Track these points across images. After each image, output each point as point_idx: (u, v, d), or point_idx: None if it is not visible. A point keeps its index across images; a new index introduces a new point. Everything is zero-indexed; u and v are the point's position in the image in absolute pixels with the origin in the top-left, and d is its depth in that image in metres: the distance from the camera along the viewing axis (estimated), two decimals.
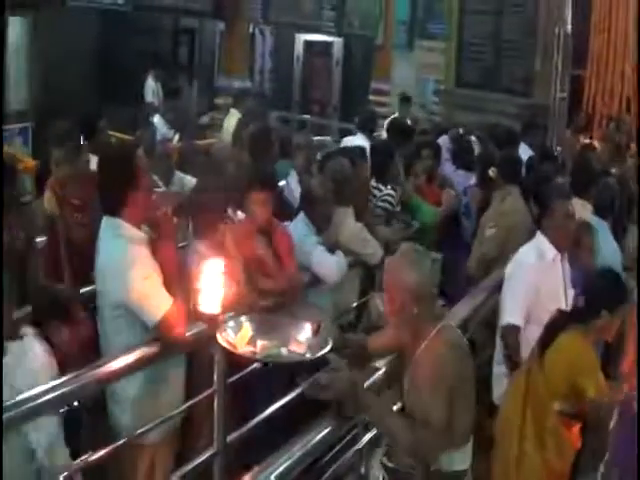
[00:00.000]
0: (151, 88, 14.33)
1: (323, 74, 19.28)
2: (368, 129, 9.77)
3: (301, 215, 5.84)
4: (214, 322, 3.60)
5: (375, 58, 17.01)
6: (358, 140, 9.22)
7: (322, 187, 5.80)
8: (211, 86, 16.12)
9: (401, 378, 3.86)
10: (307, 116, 16.34)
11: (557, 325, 4.66)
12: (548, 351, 4.58)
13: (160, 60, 15.34)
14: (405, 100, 12.95)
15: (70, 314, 4.55)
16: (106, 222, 4.20)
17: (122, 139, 6.22)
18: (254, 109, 11.06)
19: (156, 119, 10.59)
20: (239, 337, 3.60)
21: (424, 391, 3.53)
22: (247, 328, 3.65)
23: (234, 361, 4.50)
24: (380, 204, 7.16)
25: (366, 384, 3.78)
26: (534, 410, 4.57)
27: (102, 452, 3.71)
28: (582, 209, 6.39)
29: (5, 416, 3.22)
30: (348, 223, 6.11)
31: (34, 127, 11.99)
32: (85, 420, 4.34)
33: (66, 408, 3.89)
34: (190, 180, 6.82)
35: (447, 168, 8.76)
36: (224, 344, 3.52)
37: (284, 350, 3.61)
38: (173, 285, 4.11)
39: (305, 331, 3.74)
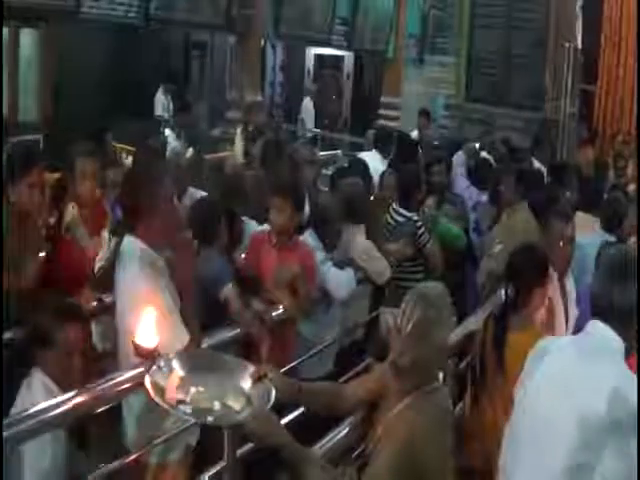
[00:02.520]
0: (161, 102, 14.38)
1: (334, 88, 19.36)
2: (384, 147, 9.64)
3: (309, 231, 5.83)
4: (151, 357, 3.28)
5: (385, 72, 17.06)
6: (374, 158, 9.19)
7: (334, 205, 5.83)
8: (222, 100, 16.14)
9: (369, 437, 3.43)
10: (317, 130, 16.36)
11: (504, 323, 4.59)
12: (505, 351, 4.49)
13: (171, 74, 15.40)
14: (424, 115, 12.86)
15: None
16: (129, 244, 4.16)
17: (150, 157, 6.23)
18: (264, 122, 11.11)
19: (167, 132, 10.62)
20: (169, 382, 3.00)
21: (378, 457, 3.11)
22: (177, 370, 3.05)
23: None
24: (406, 229, 6.91)
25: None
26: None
27: (109, 467, 3.69)
28: (589, 224, 6.39)
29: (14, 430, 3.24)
30: (359, 240, 6.11)
31: (44, 139, 12.03)
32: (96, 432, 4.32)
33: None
34: (201, 194, 6.83)
35: (460, 184, 8.77)
36: (150, 390, 2.90)
37: (217, 404, 2.96)
38: (189, 308, 4.12)
39: (245, 378, 3.12)
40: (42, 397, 3.64)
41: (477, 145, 10.25)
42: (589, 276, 5.09)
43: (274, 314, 5.07)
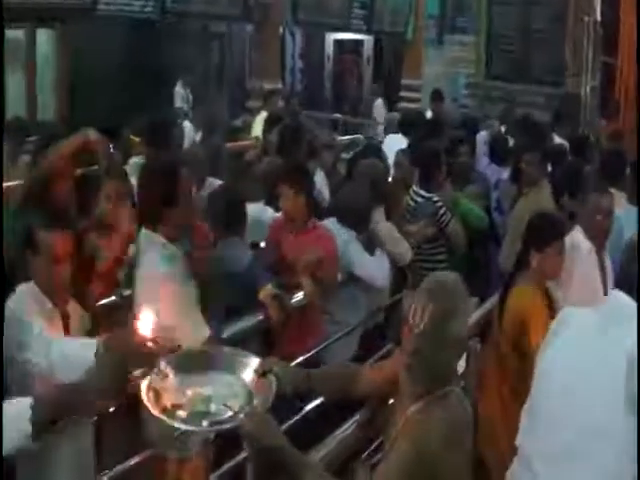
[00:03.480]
0: (180, 94, 14.39)
1: (354, 73, 19.33)
2: (409, 130, 9.57)
3: (333, 219, 5.79)
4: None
5: (405, 54, 17.01)
6: (400, 142, 9.11)
7: (356, 187, 5.80)
8: (242, 89, 16.16)
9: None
10: (338, 115, 16.34)
11: (508, 284, 4.73)
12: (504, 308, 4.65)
13: (190, 66, 15.41)
14: (437, 96, 12.79)
15: None
16: (146, 237, 4.16)
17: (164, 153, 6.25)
18: (285, 110, 11.10)
19: (186, 124, 10.61)
20: (164, 386, 2.88)
21: (390, 459, 2.93)
22: (171, 373, 2.92)
23: None
24: (426, 210, 6.88)
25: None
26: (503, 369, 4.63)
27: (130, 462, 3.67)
28: (616, 198, 6.32)
29: None
30: (381, 222, 6.09)
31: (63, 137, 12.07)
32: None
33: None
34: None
35: (482, 162, 8.73)
36: (145, 397, 2.80)
37: (214, 406, 2.86)
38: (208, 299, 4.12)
39: (248, 373, 3.04)
40: (30, 305, 3.53)
41: (497, 123, 10.19)
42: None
43: (295, 300, 5.06)
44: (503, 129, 10.50)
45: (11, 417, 2.58)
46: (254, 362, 3.07)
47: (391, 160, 7.73)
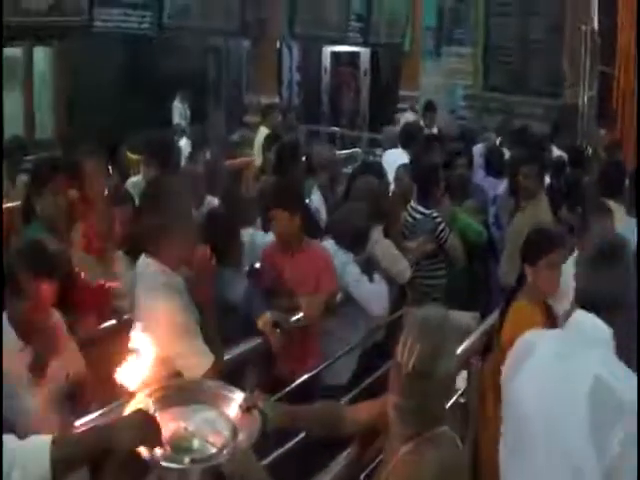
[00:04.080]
0: (178, 110, 14.41)
1: (351, 85, 19.35)
2: (409, 144, 9.54)
3: (330, 241, 5.74)
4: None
5: (403, 66, 17.02)
6: (401, 156, 9.08)
7: (357, 212, 5.77)
8: (240, 104, 16.15)
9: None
10: (336, 128, 16.34)
11: (509, 299, 4.71)
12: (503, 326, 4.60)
13: (187, 81, 15.40)
14: (429, 108, 12.68)
15: None
16: (145, 263, 4.05)
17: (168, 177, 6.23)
18: (282, 124, 11.09)
19: (183, 142, 10.58)
20: None
21: None
22: (153, 407, 2.86)
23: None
24: (426, 226, 6.88)
25: None
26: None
27: None
28: (615, 211, 6.30)
29: None
30: (379, 240, 6.06)
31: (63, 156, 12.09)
32: None
33: None
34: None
35: (479, 175, 8.73)
36: None
37: (196, 442, 2.79)
38: (211, 326, 4.07)
39: (231, 408, 2.97)
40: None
41: (494, 135, 10.20)
42: None
43: (294, 319, 5.03)
44: (499, 141, 10.51)
45: (31, 452, 2.55)
46: (238, 397, 3.00)
47: (391, 176, 7.71)
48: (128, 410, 2.80)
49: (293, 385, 4.91)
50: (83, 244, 5.12)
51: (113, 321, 4.83)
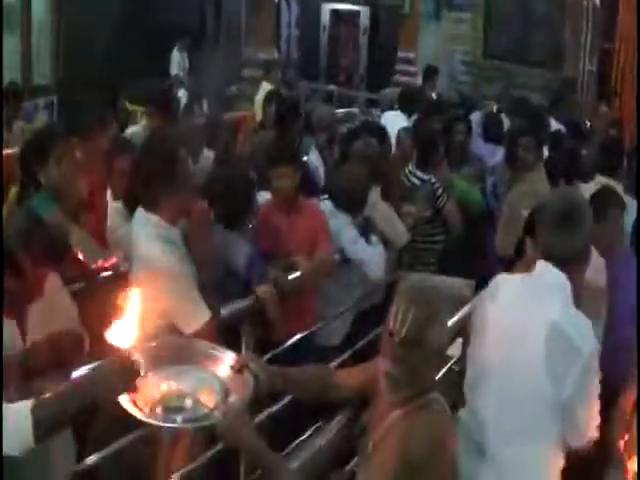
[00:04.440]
0: (177, 60, 14.30)
1: (349, 43, 19.21)
2: (407, 107, 9.54)
3: (328, 202, 5.73)
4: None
5: (402, 28, 16.91)
6: (398, 118, 9.13)
7: (356, 174, 5.74)
8: (238, 58, 16.06)
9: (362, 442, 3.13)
10: (333, 86, 16.25)
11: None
12: None
13: (186, 33, 15.29)
14: (430, 73, 12.50)
15: None
16: (143, 217, 4.06)
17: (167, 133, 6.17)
18: (284, 81, 11.04)
19: (181, 93, 10.53)
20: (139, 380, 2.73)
21: (371, 471, 2.87)
22: (145, 365, 2.79)
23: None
24: (423, 191, 6.88)
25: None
26: None
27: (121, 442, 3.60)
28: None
29: None
30: (377, 203, 6.05)
31: (58, 102, 12.02)
32: None
33: None
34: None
35: (478, 142, 8.71)
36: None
37: (189, 402, 2.77)
38: (208, 281, 4.06)
39: (224, 369, 2.97)
40: None
41: (495, 108, 10.18)
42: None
43: (290, 278, 4.99)
44: (497, 108, 10.48)
45: (12, 417, 2.54)
46: (229, 357, 3.00)
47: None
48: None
49: (286, 345, 4.93)
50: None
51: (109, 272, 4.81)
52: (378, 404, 3.01)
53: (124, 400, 2.65)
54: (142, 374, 2.74)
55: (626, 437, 3.42)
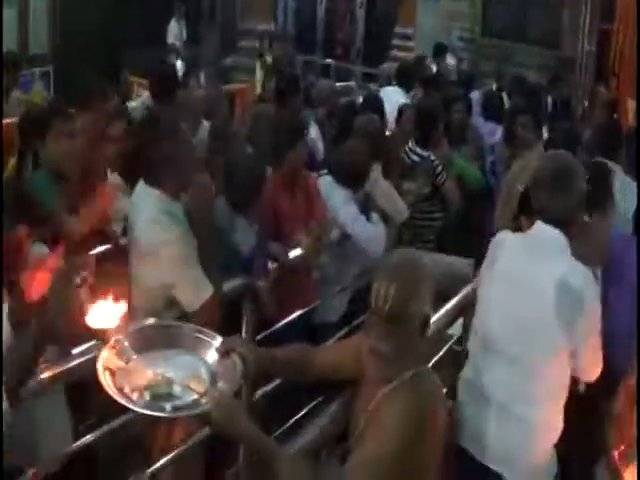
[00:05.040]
0: (173, 30, 14.18)
1: (346, 17, 19.08)
2: (405, 82, 9.53)
3: (328, 177, 5.70)
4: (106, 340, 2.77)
5: (400, 2, 16.82)
6: (396, 94, 9.12)
7: (358, 149, 5.70)
8: (234, 29, 15.95)
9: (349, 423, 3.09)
10: (330, 60, 16.18)
11: None
12: None
13: (183, 3, 15.16)
14: (440, 50, 12.58)
15: None
16: (144, 191, 4.04)
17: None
18: (283, 55, 10.98)
19: (178, 64, 10.43)
20: (123, 365, 2.71)
21: (361, 448, 2.78)
22: (130, 350, 2.76)
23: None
24: (423, 168, 6.85)
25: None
26: None
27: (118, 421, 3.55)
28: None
29: None
30: (378, 180, 6.01)
31: (54, 71, 11.92)
32: None
33: None
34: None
35: (477, 120, 8.69)
36: (102, 378, 2.62)
37: (178, 388, 2.69)
38: (210, 257, 4.04)
39: (211, 353, 2.89)
40: None
41: (494, 87, 10.17)
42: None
43: (292, 257, 4.96)
44: (496, 87, 10.47)
45: None
46: (217, 341, 2.92)
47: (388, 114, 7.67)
48: (103, 353, 2.71)
49: (285, 322, 4.89)
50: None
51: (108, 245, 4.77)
52: (365, 382, 2.96)
53: (111, 388, 2.59)
54: (128, 361, 2.72)
55: (621, 447, 3.45)
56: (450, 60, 12.71)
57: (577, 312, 3.29)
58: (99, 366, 2.64)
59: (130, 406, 2.57)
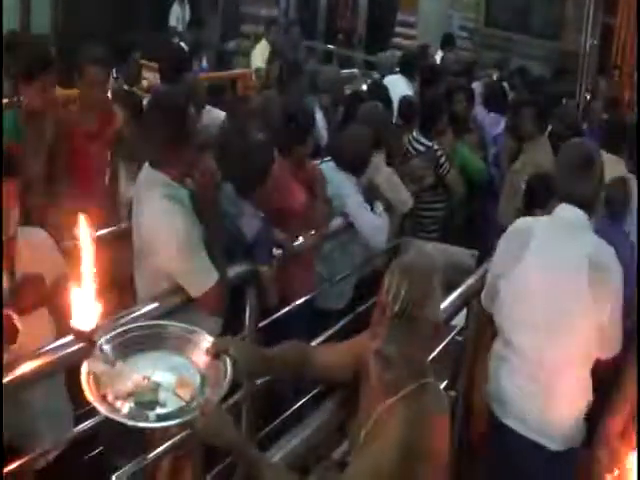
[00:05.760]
0: (176, 13, 14.09)
1: (349, 3, 18.97)
2: (408, 71, 9.49)
3: (331, 163, 5.67)
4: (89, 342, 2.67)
5: None
6: (400, 83, 9.10)
7: (361, 135, 5.68)
8: (237, 13, 15.88)
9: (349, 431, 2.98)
10: (332, 47, 16.13)
11: None
12: None
13: None
14: (448, 41, 12.61)
15: None
16: (150, 175, 3.98)
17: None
18: (285, 39, 10.92)
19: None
20: (107, 369, 2.59)
21: (361, 458, 2.71)
22: (112, 353, 2.64)
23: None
24: (426, 158, 6.89)
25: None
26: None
27: None
28: (615, 166, 6.28)
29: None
30: (380, 168, 5.98)
31: (57, 52, 11.85)
32: None
33: None
34: (219, 114, 6.70)
35: (480, 111, 8.68)
36: (85, 384, 2.51)
37: (162, 395, 2.55)
38: (215, 242, 4.03)
39: (199, 354, 2.75)
40: None
41: (495, 76, 10.15)
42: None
43: (296, 244, 4.95)
44: (497, 77, 10.46)
45: None
46: (207, 341, 2.77)
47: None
48: (85, 365, 2.58)
49: (287, 308, 4.85)
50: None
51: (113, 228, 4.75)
52: (368, 387, 2.82)
53: (93, 394, 2.48)
54: (112, 364, 2.61)
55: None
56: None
57: (607, 288, 3.57)
58: (83, 370, 2.53)
59: (111, 416, 2.46)
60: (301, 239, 5.00)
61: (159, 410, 2.50)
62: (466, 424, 4.63)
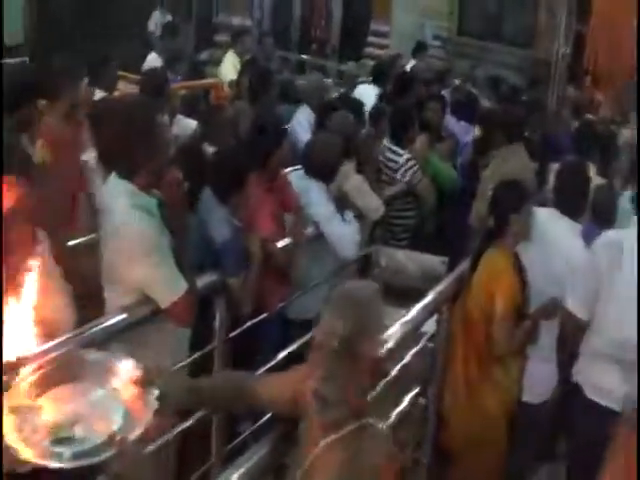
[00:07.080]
0: (155, 18, 14.00)
1: (322, 13, 19.00)
2: (380, 80, 9.55)
3: (300, 171, 5.67)
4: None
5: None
6: (371, 92, 9.13)
7: (330, 144, 5.69)
8: (210, 23, 15.88)
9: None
10: (305, 56, 16.14)
11: (480, 248, 4.75)
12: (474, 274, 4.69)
13: None
14: (420, 49, 12.65)
15: None
16: (117, 184, 3.90)
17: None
18: (259, 50, 10.89)
19: (151, 57, 10.19)
20: (21, 404, 2.39)
21: None
22: (28, 385, 2.45)
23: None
24: (401, 172, 6.94)
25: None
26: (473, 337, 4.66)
27: None
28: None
29: None
30: (351, 176, 6.00)
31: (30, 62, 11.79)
32: None
33: None
34: (190, 123, 6.70)
35: (449, 119, 8.71)
36: (5, 421, 2.31)
37: (78, 431, 2.34)
38: (184, 252, 4.00)
39: (121, 384, 2.56)
40: None
41: (457, 81, 10.23)
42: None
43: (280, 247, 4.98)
44: (467, 85, 10.51)
45: None
46: (129, 370, 2.60)
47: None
48: (7, 400, 2.38)
49: (256, 320, 4.82)
50: None
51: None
52: (307, 424, 2.72)
53: (9, 431, 2.27)
54: (31, 397, 2.43)
55: None
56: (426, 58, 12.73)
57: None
58: (5, 405, 2.34)
59: (22, 455, 2.24)
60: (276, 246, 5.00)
61: (75, 447, 2.30)
62: (438, 430, 4.64)
